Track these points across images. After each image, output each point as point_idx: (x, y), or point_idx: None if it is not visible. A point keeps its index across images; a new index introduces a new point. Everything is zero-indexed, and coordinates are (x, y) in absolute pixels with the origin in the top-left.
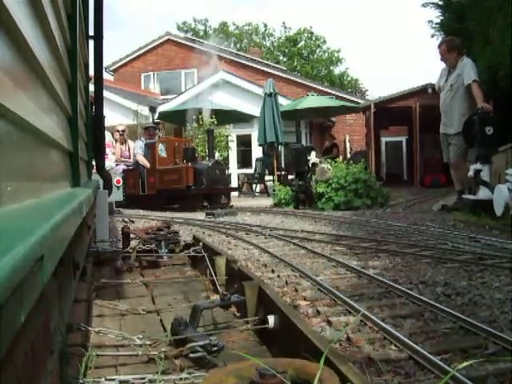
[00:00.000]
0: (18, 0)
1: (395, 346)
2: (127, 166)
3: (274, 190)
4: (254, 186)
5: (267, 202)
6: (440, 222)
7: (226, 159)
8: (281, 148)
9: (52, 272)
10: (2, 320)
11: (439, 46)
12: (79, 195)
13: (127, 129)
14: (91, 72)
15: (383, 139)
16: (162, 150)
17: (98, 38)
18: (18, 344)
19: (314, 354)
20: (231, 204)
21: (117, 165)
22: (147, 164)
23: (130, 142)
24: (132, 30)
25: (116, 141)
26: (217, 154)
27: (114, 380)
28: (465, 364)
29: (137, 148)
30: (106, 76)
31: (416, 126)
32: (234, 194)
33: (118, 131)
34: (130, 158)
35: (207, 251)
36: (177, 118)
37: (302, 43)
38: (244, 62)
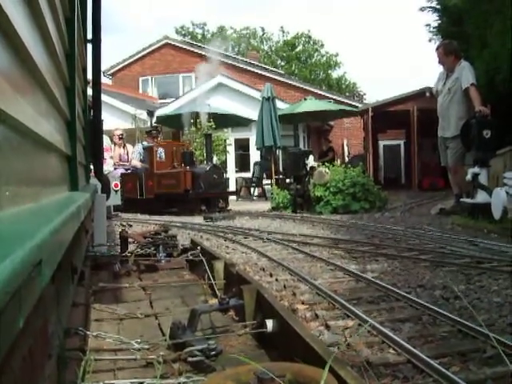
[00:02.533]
0: (17, 4)
1: (393, 349)
2: (126, 169)
3: (271, 194)
4: (252, 189)
5: (265, 205)
6: (438, 226)
7: (224, 163)
8: (279, 152)
9: (50, 276)
10: (0, 324)
11: (436, 50)
12: (77, 199)
13: (125, 133)
14: (89, 76)
15: (381, 143)
16: (160, 154)
17: (96, 41)
18: (16, 348)
19: (312, 358)
20: (229, 208)
21: (115, 168)
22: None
23: (128, 145)
24: (130, 34)
25: (115, 144)
26: (215, 158)
27: None
28: None
29: (135, 153)
30: (104, 80)
31: (414, 130)
32: (232, 197)
33: (117, 135)
34: (128, 161)
35: (205, 255)
36: (175, 122)
37: (299, 47)
38: (242, 65)
